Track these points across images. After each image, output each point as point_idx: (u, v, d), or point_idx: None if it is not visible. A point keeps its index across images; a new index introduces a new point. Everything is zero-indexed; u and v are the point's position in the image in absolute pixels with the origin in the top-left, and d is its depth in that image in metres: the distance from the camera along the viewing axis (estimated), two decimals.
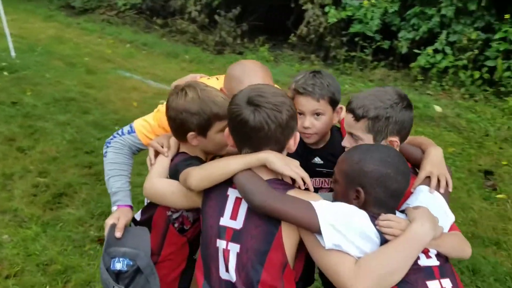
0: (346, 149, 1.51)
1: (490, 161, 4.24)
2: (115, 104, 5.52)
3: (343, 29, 7.10)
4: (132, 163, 1.79)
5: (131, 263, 1.48)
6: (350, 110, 1.50)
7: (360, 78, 6.69)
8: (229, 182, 1.34)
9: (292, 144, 1.35)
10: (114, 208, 1.66)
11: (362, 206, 1.26)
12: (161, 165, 1.57)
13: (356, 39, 6.81)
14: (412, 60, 6.40)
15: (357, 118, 1.47)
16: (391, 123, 1.44)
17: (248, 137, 1.32)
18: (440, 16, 6.17)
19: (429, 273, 1.21)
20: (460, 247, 1.32)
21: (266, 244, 1.26)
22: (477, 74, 5.72)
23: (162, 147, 1.59)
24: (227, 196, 1.36)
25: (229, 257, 1.30)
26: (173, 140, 1.63)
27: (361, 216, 1.22)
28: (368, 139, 1.46)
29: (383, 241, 1.19)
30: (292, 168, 1.31)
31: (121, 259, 1.49)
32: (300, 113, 1.64)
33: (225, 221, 1.33)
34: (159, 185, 1.52)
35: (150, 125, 1.76)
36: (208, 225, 1.37)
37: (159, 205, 1.58)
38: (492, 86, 5.67)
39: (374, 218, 1.23)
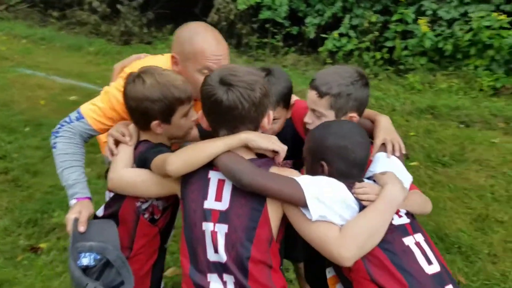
0: (307, 125, 1.59)
1: (400, 133, 4.63)
2: (21, 104, 5.08)
3: (253, 16, 7.23)
4: (84, 152, 1.69)
5: (99, 257, 1.42)
6: (314, 87, 1.56)
7: (274, 64, 6.89)
8: (209, 165, 1.33)
9: (266, 122, 1.38)
10: (72, 201, 1.57)
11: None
12: (124, 154, 1.52)
13: (267, 25, 6.98)
14: (320, 45, 6.74)
15: (321, 95, 1.54)
16: (352, 100, 1.53)
17: (224, 118, 1.33)
18: (342, 1, 6.57)
19: (403, 230, 1.32)
20: (423, 204, 1.46)
21: (253, 222, 1.29)
22: (378, 55, 6.20)
23: (123, 136, 1.54)
24: (209, 179, 1.35)
25: (217, 238, 1.30)
26: (132, 128, 1.58)
27: (341, 187, 1.30)
28: (330, 115, 1.54)
29: (361, 208, 1.29)
30: (274, 142, 1.35)
31: (87, 254, 1.43)
32: None
33: (210, 203, 1.33)
34: (128, 174, 1.48)
35: (100, 108, 1.68)
36: (191, 209, 1.35)
37: (126, 197, 1.52)
38: (393, 65, 6.19)
39: (350, 187, 1.32)
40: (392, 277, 1.21)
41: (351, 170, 1.37)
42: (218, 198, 1.33)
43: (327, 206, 1.24)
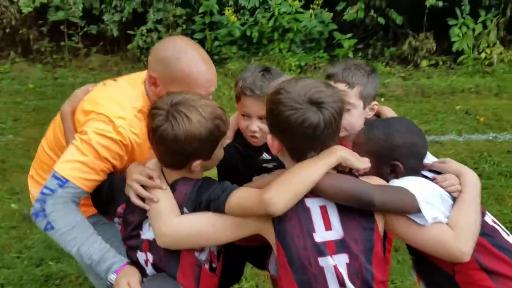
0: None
1: None
2: None
3: (39, 19, 6.33)
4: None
5: None
6: (340, 79, 1.55)
7: (78, 68, 6.23)
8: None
9: None
10: (112, 276, 1.30)
11: (397, 177, 1.35)
12: (168, 201, 1.26)
13: (61, 27, 6.22)
14: (126, 42, 6.41)
15: (351, 85, 1.54)
16: (373, 88, 1.59)
17: (317, 139, 1.21)
18: None
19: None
20: None
21: (369, 242, 1.23)
22: None
23: (153, 179, 1.30)
24: (308, 208, 1.21)
25: (339, 271, 1.19)
26: (154, 165, 1.34)
27: (430, 183, 1.32)
28: (359, 105, 1.57)
29: (453, 199, 1.31)
30: (365, 161, 1.29)
31: None
32: (246, 115, 1.56)
33: (321, 235, 1.21)
34: (188, 223, 1.25)
35: (85, 163, 1.37)
36: (297, 247, 1.20)
37: (182, 251, 1.29)
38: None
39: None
40: (499, 259, 1.28)
41: (420, 165, 1.39)
42: (328, 227, 1.22)
43: (435, 207, 1.24)
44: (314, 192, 1.22)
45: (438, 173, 1.41)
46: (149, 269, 1.33)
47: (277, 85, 1.30)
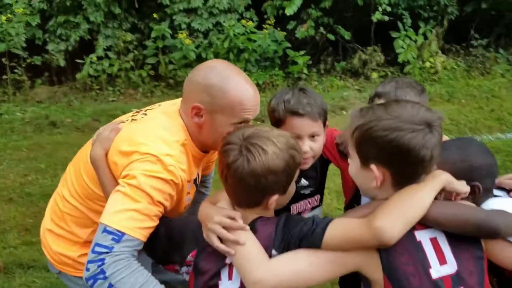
0: None
1: None
2: None
3: None
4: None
5: None
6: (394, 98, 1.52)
7: (24, 102, 5.85)
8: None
9: None
10: None
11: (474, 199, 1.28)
12: (255, 243, 1.17)
13: (3, 60, 5.83)
14: (74, 71, 6.14)
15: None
16: None
17: (430, 161, 1.16)
18: (87, 23, 6.12)
19: None
20: None
21: (482, 271, 1.15)
22: (144, 73, 6.14)
23: (235, 220, 1.20)
24: (419, 242, 1.13)
25: None
26: (228, 206, 1.26)
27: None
28: None
29: None
30: (462, 183, 1.23)
31: None
32: (296, 137, 1.47)
33: (437, 271, 1.12)
34: (284, 265, 1.15)
35: (138, 211, 1.25)
36: (409, 283, 1.11)
37: None
38: (159, 80, 6.26)
39: None
40: None
41: (494, 184, 1.35)
42: (443, 261, 1.13)
43: None
44: (423, 222, 1.15)
45: (507, 190, 1.39)
46: None
47: (366, 111, 1.23)
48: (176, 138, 1.39)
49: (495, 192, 1.38)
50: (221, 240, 1.19)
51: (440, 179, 1.19)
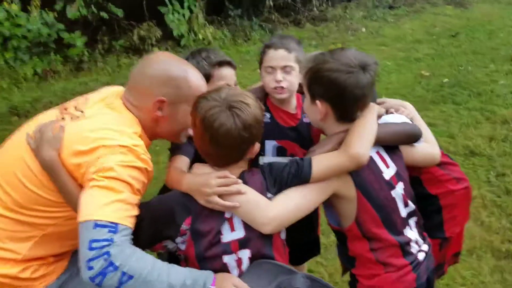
0: None
1: None
2: None
3: None
4: None
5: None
6: (280, 46, 1.80)
7: None
8: None
9: None
10: None
11: None
12: (252, 190, 1.35)
13: None
14: None
15: (289, 50, 1.82)
16: (303, 55, 1.88)
17: (365, 98, 1.45)
18: None
19: None
20: None
21: (405, 167, 1.57)
22: None
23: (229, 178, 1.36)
24: (371, 156, 1.45)
25: (403, 195, 1.51)
26: (207, 169, 1.41)
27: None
28: (296, 68, 1.83)
29: None
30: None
31: None
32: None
33: (386, 173, 1.49)
34: (287, 202, 1.37)
35: (123, 200, 1.27)
36: (377, 191, 1.45)
37: (274, 234, 1.40)
38: None
39: None
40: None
41: None
42: (387, 165, 1.50)
43: None
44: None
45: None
46: (244, 266, 1.36)
47: (316, 56, 1.48)
48: (133, 130, 1.41)
49: None
50: None
51: (374, 109, 1.53)
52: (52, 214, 1.40)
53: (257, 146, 1.42)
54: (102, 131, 1.35)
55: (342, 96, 1.42)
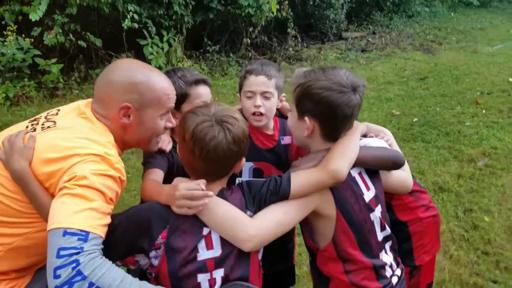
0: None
1: None
2: None
3: None
4: None
5: None
6: (261, 73, 1.84)
7: None
8: None
9: None
10: None
11: None
12: (232, 206, 1.34)
13: None
14: None
15: (270, 77, 1.87)
16: (282, 82, 1.94)
17: (352, 118, 1.48)
18: None
19: None
20: None
21: (383, 190, 1.59)
22: None
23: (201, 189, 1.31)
24: (354, 177, 1.47)
25: (380, 218, 1.52)
26: (186, 181, 1.37)
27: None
28: (275, 94, 1.88)
29: None
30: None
31: None
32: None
33: (367, 195, 1.50)
34: (269, 219, 1.36)
35: (95, 209, 1.22)
36: (356, 212, 1.45)
37: (251, 253, 1.37)
38: None
39: None
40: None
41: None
42: (368, 188, 1.50)
43: None
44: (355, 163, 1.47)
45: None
46: (217, 287, 1.32)
47: (307, 73, 1.48)
48: (106, 139, 1.39)
49: None
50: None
51: (359, 129, 1.55)
52: (20, 226, 1.35)
53: (243, 161, 1.42)
54: (75, 140, 1.33)
55: (332, 114, 1.43)
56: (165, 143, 1.69)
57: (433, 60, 8.56)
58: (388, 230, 1.57)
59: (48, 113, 1.50)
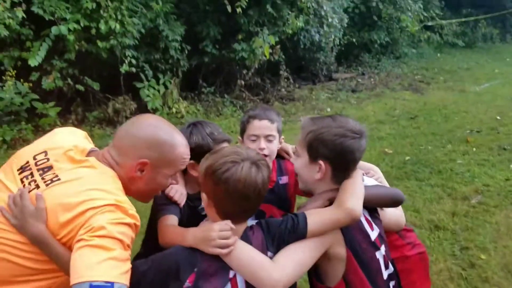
0: None
1: None
2: None
3: None
4: None
5: None
6: (264, 118, 1.96)
7: None
8: None
9: None
10: None
11: None
12: (255, 251, 1.38)
13: None
14: None
15: (272, 121, 1.99)
16: (281, 126, 2.05)
17: (359, 160, 1.55)
18: None
19: None
20: None
21: (383, 229, 1.64)
22: None
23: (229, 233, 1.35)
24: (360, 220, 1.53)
25: (385, 257, 1.56)
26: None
27: None
28: (277, 137, 1.99)
29: None
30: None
31: None
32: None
33: (372, 234, 1.55)
34: (290, 260, 1.39)
35: (115, 258, 1.23)
36: (364, 250, 1.50)
37: None
38: None
39: None
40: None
41: None
42: (371, 227, 1.56)
43: None
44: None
45: None
46: None
47: (317, 120, 1.59)
48: (115, 186, 1.41)
49: None
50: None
51: (360, 172, 1.62)
52: (41, 280, 1.36)
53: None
54: (85, 193, 1.34)
55: (346, 159, 1.53)
56: (178, 194, 1.74)
57: (422, 99, 8.78)
58: (391, 268, 1.60)
59: (36, 161, 1.47)
